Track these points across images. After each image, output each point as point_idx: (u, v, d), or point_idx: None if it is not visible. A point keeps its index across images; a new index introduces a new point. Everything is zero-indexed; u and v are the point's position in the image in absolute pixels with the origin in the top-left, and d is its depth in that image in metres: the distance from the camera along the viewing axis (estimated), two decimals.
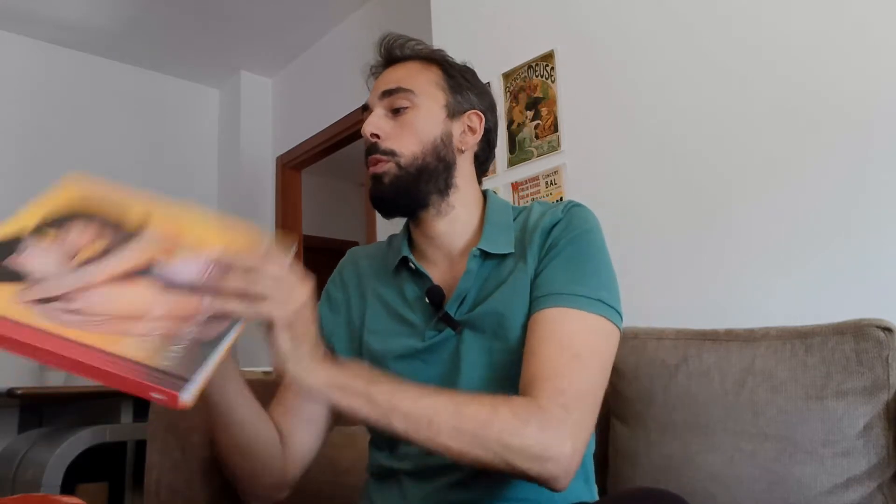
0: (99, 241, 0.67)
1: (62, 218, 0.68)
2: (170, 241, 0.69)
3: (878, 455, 0.96)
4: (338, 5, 3.31)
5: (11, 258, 0.63)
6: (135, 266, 0.65)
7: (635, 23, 1.75)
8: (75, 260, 0.65)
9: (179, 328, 0.62)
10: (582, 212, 0.90)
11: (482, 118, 0.96)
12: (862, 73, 1.35)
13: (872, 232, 1.30)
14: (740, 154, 1.51)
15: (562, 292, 0.81)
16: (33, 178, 3.37)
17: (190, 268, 0.66)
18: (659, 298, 1.56)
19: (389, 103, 0.92)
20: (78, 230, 0.67)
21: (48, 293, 0.61)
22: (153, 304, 0.63)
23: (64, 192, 0.70)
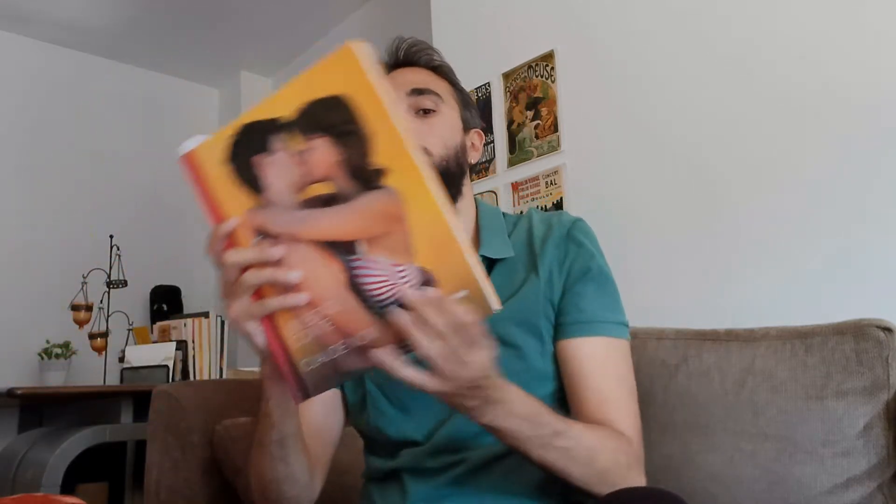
0: (334, 180, 0.59)
1: (318, 116, 0.58)
2: (389, 223, 0.58)
3: (878, 455, 0.95)
4: (338, 5, 3.31)
5: (261, 155, 0.60)
6: (341, 236, 0.59)
7: (635, 23, 1.75)
8: (303, 193, 0.60)
9: (333, 341, 0.60)
10: (588, 226, 0.95)
11: (482, 137, 1.03)
12: (865, 71, 1.34)
13: (873, 232, 1.30)
14: (741, 154, 1.51)
15: (602, 320, 0.86)
16: (33, 178, 3.37)
17: (385, 271, 0.59)
18: (659, 298, 1.56)
19: (416, 102, 0.92)
20: (322, 153, 0.58)
21: (266, 226, 0.61)
22: (330, 297, 0.60)
23: (340, 67, 0.57)
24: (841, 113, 1.37)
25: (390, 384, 0.87)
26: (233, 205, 0.62)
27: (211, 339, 2.70)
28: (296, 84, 0.59)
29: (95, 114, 3.61)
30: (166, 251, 3.71)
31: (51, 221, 3.38)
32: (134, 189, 3.67)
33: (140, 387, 2.43)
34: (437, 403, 0.85)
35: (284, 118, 0.59)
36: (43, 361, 2.98)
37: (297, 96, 0.59)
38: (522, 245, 0.92)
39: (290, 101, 0.59)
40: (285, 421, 0.76)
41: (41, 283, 3.26)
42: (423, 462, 0.84)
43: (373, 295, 0.59)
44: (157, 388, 1.33)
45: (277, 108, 0.59)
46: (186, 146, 0.62)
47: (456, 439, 0.84)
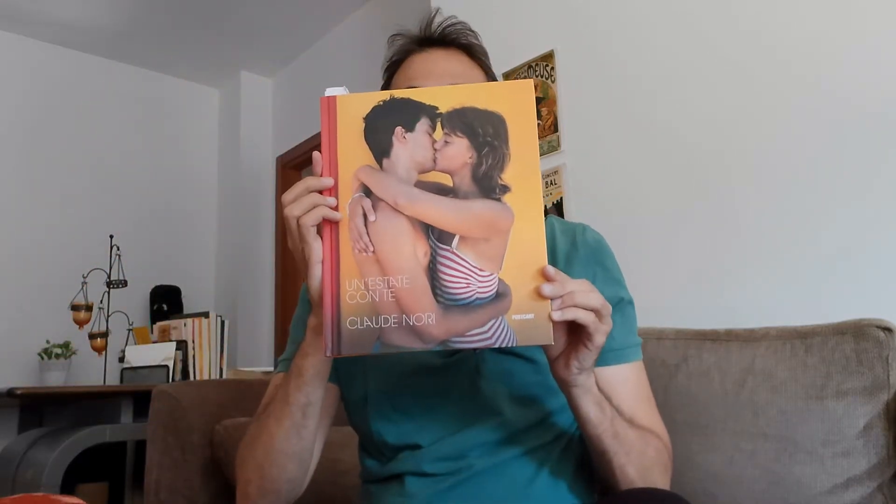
0: (456, 175, 0.66)
1: (471, 120, 0.66)
2: (491, 232, 0.64)
3: (878, 455, 0.96)
4: (338, 5, 3.31)
5: (401, 129, 0.66)
6: (443, 224, 0.65)
7: (635, 22, 1.75)
8: (424, 175, 0.66)
9: (389, 311, 0.64)
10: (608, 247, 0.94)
11: None
12: (866, 70, 1.34)
13: (873, 232, 1.30)
14: (741, 154, 1.51)
15: (629, 346, 0.87)
16: (33, 178, 3.37)
17: (476, 272, 0.64)
18: (659, 298, 1.56)
19: None
20: (458, 149, 0.66)
21: (374, 187, 0.66)
22: (404, 271, 0.64)
23: (514, 93, 0.66)
24: (842, 112, 1.36)
25: (396, 389, 0.86)
26: (350, 156, 0.67)
27: (211, 339, 2.70)
28: (464, 88, 0.68)
29: (95, 114, 3.61)
30: (166, 251, 3.71)
31: (51, 221, 3.38)
32: (134, 189, 3.67)
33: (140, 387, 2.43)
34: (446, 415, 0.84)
35: (441, 107, 0.66)
36: (43, 361, 2.98)
37: (460, 98, 0.67)
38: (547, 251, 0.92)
39: (452, 98, 0.67)
40: (315, 383, 0.75)
41: (41, 283, 3.26)
42: (423, 466, 0.83)
43: (446, 285, 0.64)
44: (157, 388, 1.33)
45: (437, 99, 0.67)
46: (332, 91, 0.69)
47: (461, 449, 0.83)
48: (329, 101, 0.68)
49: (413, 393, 0.85)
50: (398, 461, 0.85)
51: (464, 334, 0.63)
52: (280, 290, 3.69)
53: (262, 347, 3.66)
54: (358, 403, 0.90)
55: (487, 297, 0.63)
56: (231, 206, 3.87)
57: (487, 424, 0.83)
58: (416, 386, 0.85)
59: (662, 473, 0.80)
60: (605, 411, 0.75)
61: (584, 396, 0.73)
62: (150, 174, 3.74)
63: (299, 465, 0.81)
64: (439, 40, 0.92)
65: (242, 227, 3.79)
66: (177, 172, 3.86)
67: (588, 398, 0.73)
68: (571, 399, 0.74)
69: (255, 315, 3.68)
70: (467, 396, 0.84)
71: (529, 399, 0.83)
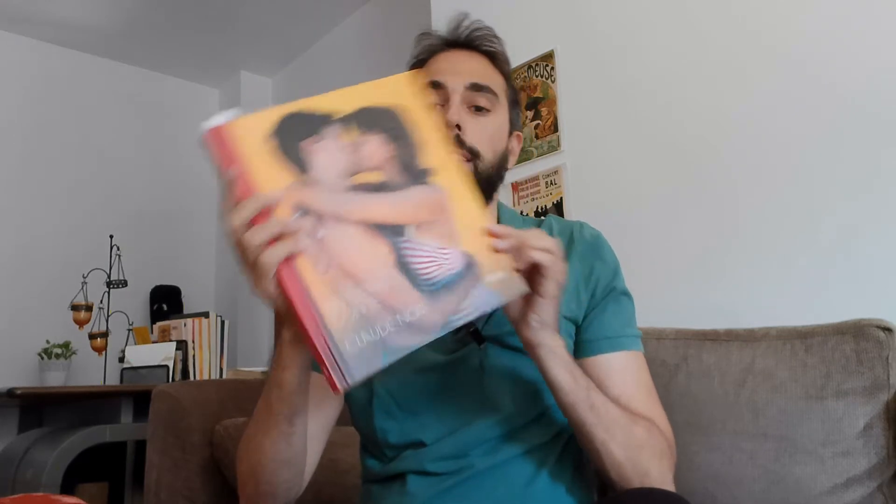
0: (383, 171, 0.65)
1: (373, 118, 0.66)
2: (436, 213, 0.66)
3: (878, 455, 0.96)
4: (338, 5, 3.31)
5: (310, 140, 0.63)
6: (390, 221, 0.64)
7: (635, 22, 1.75)
8: (353, 178, 0.64)
9: (381, 317, 0.60)
10: (608, 243, 0.94)
11: (521, 141, 0.99)
12: (865, 69, 1.34)
13: (873, 232, 1.30)
14: (741, 153, 1.51)
15: (624, 335, 0.87)
16: (33, 178, 3.37)
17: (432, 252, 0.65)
18: (659, 298, 1.56)
19: (472, 98, 0.88)
20: (375, 146, 0.65)
21: (311, 204, 0.61)
22: (377, 275, 0.61)
23: (394, 86, 0.68)
24: (842, 112, 1.37)
25: (401, 387, 0.86)
26: (270, 180, 0.60)
27: (211, 339, 2.70)
28: (355, 90, 0.66)
29: (95, 114, 3.61)
30: (166, 251, 3.71)
31: (51, 221, 3.38)
32: (134, 189, 3.67)
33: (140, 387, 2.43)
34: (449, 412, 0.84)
35: (340, 112, 0.65)
36: (43, 361, 2.98)
37: (356, 99, 0.65)
38: None
39: (349, 101, 0.65)
40: (299, 393, 0.74)
41: (41, 283, 3.26)
42: (425, 465, 0.83)
43: (421, 273, 0.63)
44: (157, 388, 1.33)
45: (335, 104, 0.65)
46: (216, 120, 0.61)
47: (463, 447, 0.83)
48: (221, 131, 0.60)
49: (418, 391, 0.86)
50: (400, 460, 0.86)
51: (458, 310, 0.64)
52: None
53: (262, 347, 3.66)
54: (363, 403, 0.90)
55: (460, 271, 0.65)
56: None
57: (489, 421, 0.83)
58: (421, 383, 0.85)
59: (657, 459, 0.77)
60: (577, 380, 0.75)
61: (550, 358, 0.74)
62: (150, 174, 3.74)
63: (293, 469, 0.81)
64: (465, 43, 0.93)
65: None
66: (177, 172, 3.86)
67: (555, 360, 0.74)
68: (539, 362, 0.75)
69: (255, 315, 3.68)
70: (471, 392, 0.84)
71: (530, 394, 0.84)
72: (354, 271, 0.61)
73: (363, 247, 0.62)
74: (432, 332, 0.62)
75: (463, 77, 0.88)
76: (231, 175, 0.60)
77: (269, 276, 0.59)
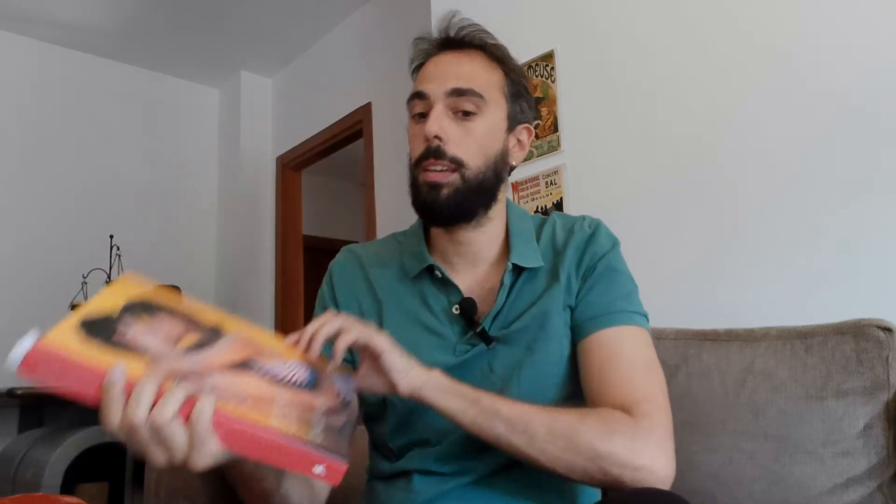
0: (191, 334, 0.67)
1: (142, 306, 0.68)
2: (254, 344, 0.71)
3: (878, 455, 0.96)
4: (338, 5, 3.31)
5: (118, 335, 0.62)
6: (237, 360, 0.66)
7: (635, 22, 1.75)
8: (180, 345, 0.64)
9: (309, 416, 0.64)
10: (606, 228, 0.92)
11: (531, 133, 0.94)
12: (865, 71, 1.34)
13: (873, 231, 1.30)
14: (741, 154, 1.51)
15: (611, 311, 0.84)
16: (33, 178, 3.37)
17: (282, 369, 0.69)
18: (659, 298, 1.56)
19: (455, 103, 0.85)
20: (168, 320, 0.67)
21: (179, 368, 0.60)
22: (274, 392, 0.65)
23: (124, 287, 0.69)
24: (841, 114, 1.37)
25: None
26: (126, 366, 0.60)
27: None
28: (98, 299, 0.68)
29: (95, 114, 3.61)
30: (166, 251, 3.71)
31: (51, 221, 3.38)
32: (134, 189, 3.67)
33: None
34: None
35: (115, 311, 0.66)
36: None
37: (110, 302, 0.67)
38: (547, 251, 0.91)
39: (109, 304, 0.67)
40: (285, 480, 0.77)
41: (41, 283, 3.26)
42: (430, 465, 0.84)
43: (294, 382, 0.69)
44: None
45: (102, 309, 0.66)
46: (24, 345, 0.57)
47: (469, 448, 0.83)
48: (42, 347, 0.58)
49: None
50: (407, 459, 0.86)
51: (339, 395, 0.72)
52: (280, 290, 3.69)
53: None
54: (376, 411, 0.91)
55: (310, 373, 0.72)
56: (231, 206, 3.87)
57: None
58: None
59: (603, 435, 0.71)
60: (465, 396, 0.74)
61: (432, 394, 0.74)
62: (150, 174, 3.74)
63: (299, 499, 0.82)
64: (454, 42, 0.90)
65: (242, 227, 3.79)
66: (177, 172, 3.86)
67: (437, 393, 0.74)
68: (427, 403, 0.75)
69: (255, 315, 3.68)
70: None
71: (538, 393, 0.83)
72: (260, 394, 0.63)
73: (243, 380, 0.64)
74: (343, 411, 0.70)
75: (444, 82, 0.86)
76: (80, 379, 0.58)
77: (208, 434, 0.56)
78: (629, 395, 0.76)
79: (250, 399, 0.61)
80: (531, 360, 0.84)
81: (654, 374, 0.81)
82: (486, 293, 0.89)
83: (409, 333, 0.88)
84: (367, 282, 0.95)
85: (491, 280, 0.90)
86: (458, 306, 0.87)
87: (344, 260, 0.99)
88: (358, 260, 0.98)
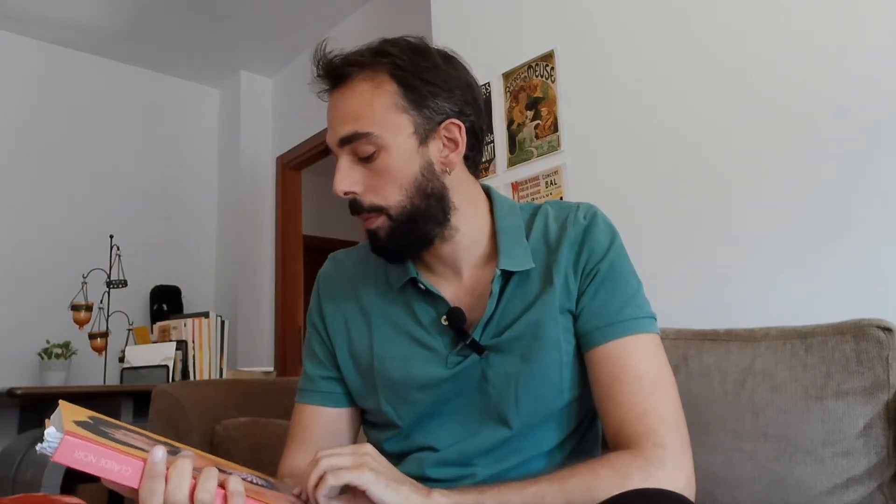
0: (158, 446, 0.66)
1: (104, 422, 0.68)
2: (209, 458, 0.72)
3: (878, 455, 0.96)
4: (338, 5, 3.31)
5: (111, 435, 0.63)
6: (208, 465, 0.65)
7: (635, 23, 1.75)
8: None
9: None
10: (603, 219, 0.87)
11: (461, 125, 0.83)
12: (861, 71, 1.34)
13: (872, 231, 1.30)
14: (740, 153, 1.51)
15: (617, 321, 0.81)
16: (34, 178, 3.37)
17: (244, 475, 0.69)
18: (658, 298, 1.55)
19: (352, 149, 0.81)
20: (130, 434, 0.67)
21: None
22: (259, 489, 0.67)
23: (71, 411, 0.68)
24: (840, 112, 1.37)
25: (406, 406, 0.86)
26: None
27: (211, 339, 2.70)
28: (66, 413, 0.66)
29: (95, 114, 3.61)
30: (166, 251, 3.71)
31: (51, 221, 3.38)
32: (134, 189, 3.67)
33: (140, 387, 2.43)
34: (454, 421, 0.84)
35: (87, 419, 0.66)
36: (43, 361, 2.98)
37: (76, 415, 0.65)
38: (539, 249, 0.86)
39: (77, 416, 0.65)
40: None
41: (41, 283, 3.26)
42: (427, 471, 0.83)
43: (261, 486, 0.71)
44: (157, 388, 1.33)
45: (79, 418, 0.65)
46: (54, 437, 0.57)
47: (467, 455, 0.83)
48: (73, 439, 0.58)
49: (423, 407, 0.86)
50: (404, 464, 0.86)
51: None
52: (280, 290, 3.69)
53: (262, 348, 3.66)
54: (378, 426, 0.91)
55: (265, 480, 0.73)
56: (231, 206, 3.86)
57: (493, 429, 0.82)
58: (426, 400, 0.85)
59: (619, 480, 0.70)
60: (466, 494, 0.70)
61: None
62: (150, 174, 3.74)
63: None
64: (335, 77, 0.83)
65: (242, 227, 3.79)
66: (177, 172, 3.86)
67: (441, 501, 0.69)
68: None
69: (255, 315, 3.68)
70: (475, 403, 0.84)
71: (534, 400, 0.82)
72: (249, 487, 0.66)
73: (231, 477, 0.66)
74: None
75: (334, 132, 0.82)
76: (117, 464, 0.59)
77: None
78: (638, 423, 0.75)
79: (249, 490, 0.64)
80: (529, 373, 0.82)
81: (662, 386, 0.79)
82: (476, 300, 0.85)
83: (399, 347, 0.86)
84: (354, 294, 0.92)
85: (480, 285, 0.86)
86: (446, 317, 0.84)
87: (331, 271, 0.97)
88: (344, 270, 0.96)
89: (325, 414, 0.92)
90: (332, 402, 0.93)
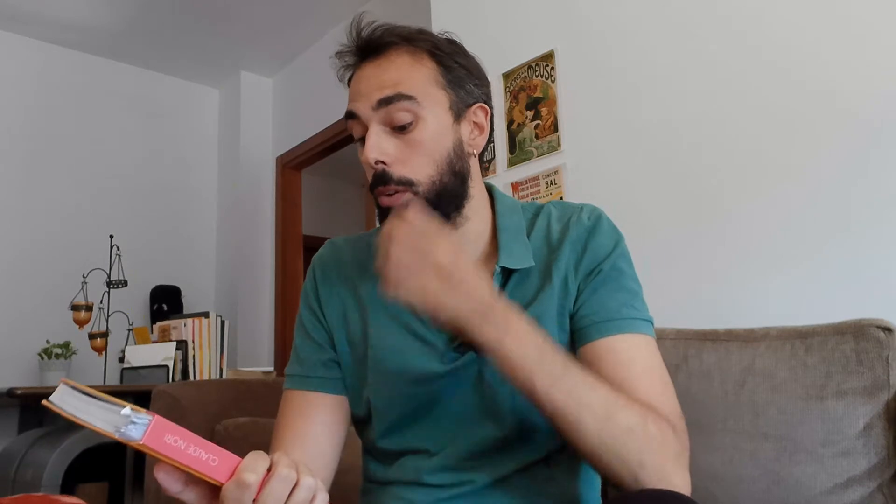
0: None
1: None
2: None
3: (878, 455, 0.96)
4: (338, 5, 3.31)
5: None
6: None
7: (635, 22, 1.75)
8: None
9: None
10: (608, 221, 0.87)
11: (488, 111, 0.86)
12: (859, 72, 1.35)
13: (872, 231, 1.30)
14: (740, 153, 1.51)
15: (616, 318, 0.79)
16: (34, 178, 3.37)
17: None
18: (658, 298, 1.55)
19: (387, 116, 0.79)
20: None
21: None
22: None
23: None
24: (839, 112, 1.37)
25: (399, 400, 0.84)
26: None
27: (211, 339, 2.70)
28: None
29: (95, 114, 3.61)
30: (166, 251, 3.71)
31: (51, 221, 3.38)
32: (134, 189, 3.67)
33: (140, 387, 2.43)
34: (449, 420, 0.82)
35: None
36: (43, 361, 2.98)
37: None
38: (540, 248, 0.85)
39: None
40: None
41: (41, 283, 3.26)
42: (423, 476, 0.82)
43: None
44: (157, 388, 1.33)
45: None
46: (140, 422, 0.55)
47: (463, 459, 0.81)
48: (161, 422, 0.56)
49: (416, 402, 0.84)
50: (399, 467, 0.84)
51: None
52: (280, 290, 3.69)
53: (262, 347, 3.66)
54: (362, 417, 0.89)
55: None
56: (231, 206, 3.87)
57: (489, 430, 0.81)
58: (419, 395, 0.83)
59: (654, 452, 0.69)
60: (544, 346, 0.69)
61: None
62: (150, 174, 3.74)
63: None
64: (372, 48, 0.84)
65: (242, 227, 3.79)
66: (177, 172, 3.86)
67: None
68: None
69: (255, 315, 3.68)
70: (470, 402, 0.82)
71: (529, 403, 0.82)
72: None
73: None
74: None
75: (370, 97, 0.80)
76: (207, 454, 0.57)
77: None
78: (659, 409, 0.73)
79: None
80: None
81: (662, 384, 0.78)
82: None
83: (395, 339, 0.84)
84: (351, 281, 0.90)
85: None
86: None
87: (327, 256, 0.94)
88: (341, 256, 0.93)
89: (325, 401, 0.87)
90: (333, 389, 0.88)
